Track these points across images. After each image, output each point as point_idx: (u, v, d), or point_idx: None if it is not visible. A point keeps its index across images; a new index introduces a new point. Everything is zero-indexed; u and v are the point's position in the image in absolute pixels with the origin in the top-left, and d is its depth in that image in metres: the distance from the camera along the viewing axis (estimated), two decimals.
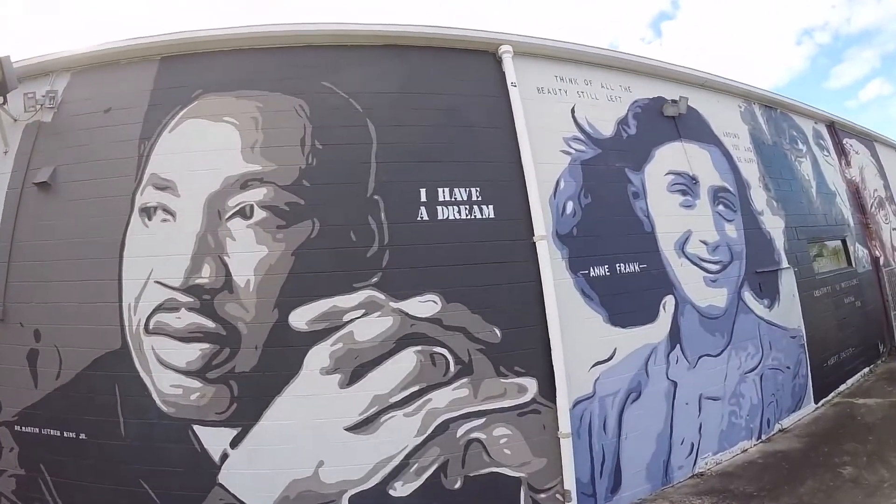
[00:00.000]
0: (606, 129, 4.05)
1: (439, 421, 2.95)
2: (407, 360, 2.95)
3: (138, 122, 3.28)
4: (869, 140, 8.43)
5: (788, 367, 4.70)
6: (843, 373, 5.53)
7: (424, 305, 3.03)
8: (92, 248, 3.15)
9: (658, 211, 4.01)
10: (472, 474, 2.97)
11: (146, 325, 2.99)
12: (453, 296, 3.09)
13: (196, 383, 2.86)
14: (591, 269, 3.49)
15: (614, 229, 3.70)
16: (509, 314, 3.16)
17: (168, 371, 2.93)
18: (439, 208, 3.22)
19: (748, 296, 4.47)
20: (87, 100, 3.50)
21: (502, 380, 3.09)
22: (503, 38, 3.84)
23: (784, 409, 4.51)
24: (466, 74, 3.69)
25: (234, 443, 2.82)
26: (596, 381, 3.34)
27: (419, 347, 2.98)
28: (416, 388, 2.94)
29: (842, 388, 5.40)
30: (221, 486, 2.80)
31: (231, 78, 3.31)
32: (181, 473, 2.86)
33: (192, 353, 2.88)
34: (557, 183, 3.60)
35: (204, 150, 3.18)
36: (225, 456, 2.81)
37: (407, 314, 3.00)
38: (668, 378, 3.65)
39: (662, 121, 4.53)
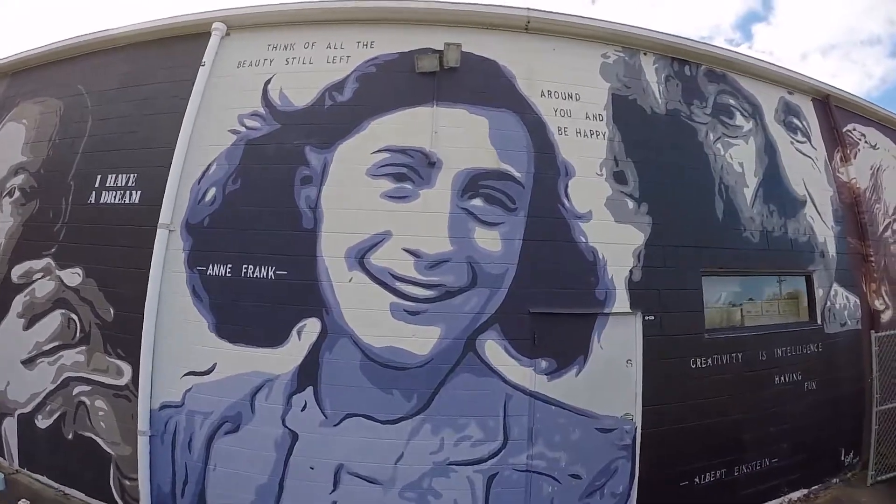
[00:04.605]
0: (302, 100, 3.25)
1: (64, 376, 3.35)
2: (55, 319, 3.45)
3: None
4: None
5: (577, 476, 2.77)
6: (734, 499, 3.14)
7: (72, 276, 3.44)
8: None
9: (337, 202, 3.00)
10: (79, 432, 3.27)
11: None
12: (91, 272, 3.37)
13: None
14: (210, 267, 3.02)
15: (257, 222, 3.03)
16: (122, 297, 3.20)
17: None
18: (104, 193, 3.50)
19: (495, 347, 2.78)
20: None
21: (108, 357, 3.20)
22: (216, 16, 3.62)
23: None
24: (178, 61, 3.70)
25: None
26: (187, 391, 2.95)
27: (63, 310, 3.43)
28: (57, 343, 3.43)
29: None
30: None
31: (34, 87, 4.35)
32: None
33: None
34: (209, 167, 3.23)
35: (7, 146, 4.31)
36: None
37: (62, 281, 3.48)
38: (284, 425, 2.80)
39: (412, 80, 3.22)
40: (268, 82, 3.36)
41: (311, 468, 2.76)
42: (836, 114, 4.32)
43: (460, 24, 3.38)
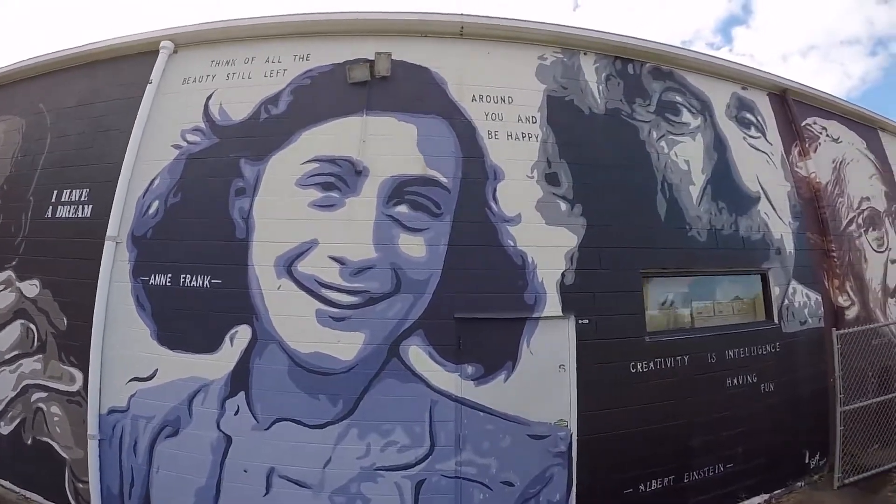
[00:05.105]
0: (239, 114, 3.35)
1: (24, 384, 3.49)
2: (15, 329, 3.61)
3: None
4: (866, 125, 4.88)
5: (510, 484, 2.76)
6: None
7: (30, 287, 3.59)
8: None
9: (267, 212, 3.08)
10: (37, 437, 3.41)
11: None
12: (47, 283, 3.52)
13: None
14: (153, 277, 3.13)
15: (194, 233, 3.13)
16: (75, 308, 3.33)
17: None
18: (60, 207, 3.64)
19: (418, 353, 2.82)
20: None
21: (62, 365, 3.34)
22: (165, 34, 3.74)
23: None
24: (129, 78, 3.82)
25: None
26: (132, 396, 3.07)
27: (23, 321, 3.59)
28: (17, 353, 3.58)
29: None
30: None
31: (3, 105, 4.51)
32: None
33: None
34: (153, 181, 3.34)
35: None
36: None
37: (21, 292, 3.63)
38: (218, 428, 2.89)
39: (345, 90, 3.29)
40: (209, 97, 3.47)
41: (245, 471, 2.84)
42: (793, 108, 4.24)
43: (394, 32, 3.44)
